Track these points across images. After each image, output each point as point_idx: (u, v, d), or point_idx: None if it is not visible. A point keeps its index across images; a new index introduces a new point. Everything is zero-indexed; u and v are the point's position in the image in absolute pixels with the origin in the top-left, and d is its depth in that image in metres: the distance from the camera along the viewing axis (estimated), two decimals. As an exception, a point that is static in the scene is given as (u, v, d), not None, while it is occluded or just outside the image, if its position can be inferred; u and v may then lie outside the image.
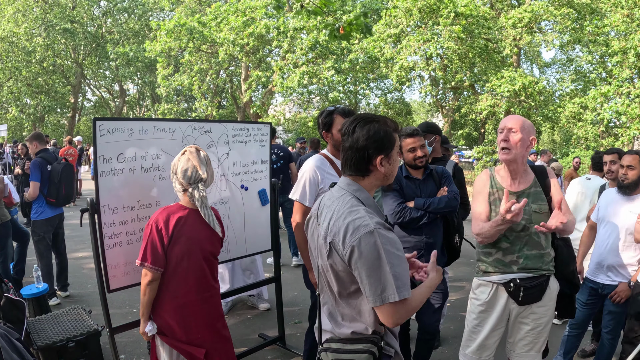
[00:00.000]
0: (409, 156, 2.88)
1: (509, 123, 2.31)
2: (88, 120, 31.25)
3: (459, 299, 4.93)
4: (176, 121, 2.92)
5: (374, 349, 1.60)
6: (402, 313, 1.53)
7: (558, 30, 16.90)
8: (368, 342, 1.62)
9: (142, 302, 2.32)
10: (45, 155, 4.82)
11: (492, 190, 2.44)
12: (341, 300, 1.66)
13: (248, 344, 3.75)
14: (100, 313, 2.78)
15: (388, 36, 16.55)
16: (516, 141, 2.27)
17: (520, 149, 2.28)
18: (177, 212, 2.32)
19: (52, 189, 4.74)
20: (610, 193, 3.15)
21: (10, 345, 2.30)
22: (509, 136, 2.29)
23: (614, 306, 3.05)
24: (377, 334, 1.63)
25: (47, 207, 4.77)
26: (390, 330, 1.72)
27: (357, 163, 1.60)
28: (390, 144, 1.61)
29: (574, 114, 15.97)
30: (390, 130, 1.60)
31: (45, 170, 4.71)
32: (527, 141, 2.29)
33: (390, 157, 1.62)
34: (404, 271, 1.52)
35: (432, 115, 28.41)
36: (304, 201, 2.74)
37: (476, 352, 2.51)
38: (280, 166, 5.98)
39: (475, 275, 2.56)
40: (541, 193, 2.37)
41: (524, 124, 2.29)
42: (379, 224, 1.51)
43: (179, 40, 18.24)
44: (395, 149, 1.63)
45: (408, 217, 2.80)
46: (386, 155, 1.60)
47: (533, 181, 2.40)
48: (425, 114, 32.55)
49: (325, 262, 1.62)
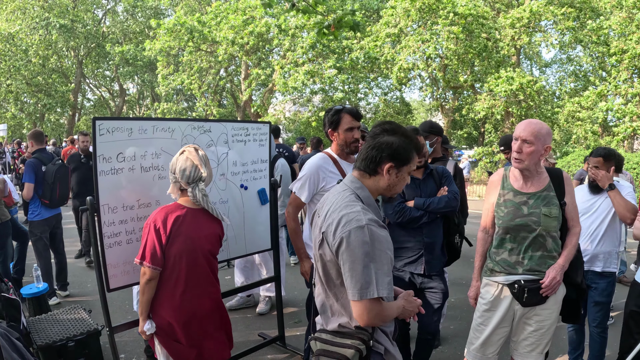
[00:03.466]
0: None
1: (524, 133, 2.28)
2: (88, 120, 31.22)
3: (458, 299, 4.93)
4: (176, 120, 2.92)
5: (362, 346, 1.63)
6: (376, 313, 1.55)
7: (558, 30, 16.89)
8: (357, 339, 1.65)
9: (140, 301, 2.32)
10: (41, 155, 4.77)
11: (503, 191, 2.47)
12: (330, 293, 1.69)
13: (248, 344, 3.75)
14: (100, 312, 2.78)
15: (387, 36, 16.53)
16: (529, 153, 2.28)
17: (532, 160, 2.30)
18: (175, 211, 2.33)
19: (46, 190, 4.69)
20: (580, 190, 3.32)
21: (11, 344, 2.31)
22: (522, 148, 2.30)
23: (599, 296, 3.14)
24: (365, 330, 1.66)
25: (43, 208, 4.74)
26: (382, 328, 1.73)
27: (368, 160, 1.67)
28: (403, 159, 1.66)
29: (572, 113, 16.00)
30: (409, 148, 1.66)
31: (40, 171, 4.66)
32: (540, 151, 2.30)
33: (399, 170, 1.67)
34: (388, 271, 1.56)
35: (432, 114, 28.40)
36: (300, 195, 2.81)
37: (480, 349, 2.54)
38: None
39: (483, 273, 2.60)
40: (554, 197, 2.36)
41: (539, 134, 2.27)
42: (372, 220, 1.55)
43: (179, 39, 18.22)
44: (408, 166, 1.68)
45: (408, 216, 2.81)
46: (396, 166, 1.66)
47: (547, 185, 2.39)
48: (426, 114, 32.54)
49: (317, 252, 1.67)
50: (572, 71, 22.57)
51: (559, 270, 2.31)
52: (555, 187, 2.39)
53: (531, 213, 2.34)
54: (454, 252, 3.17)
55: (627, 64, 14.43)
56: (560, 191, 2.38)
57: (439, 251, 2.96)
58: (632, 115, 13.90)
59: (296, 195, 2.85)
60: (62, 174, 4.83)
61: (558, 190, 2.38)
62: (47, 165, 4.75)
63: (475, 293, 2.65)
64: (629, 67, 14.60)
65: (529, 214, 2.35)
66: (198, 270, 2.39)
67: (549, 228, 2.33)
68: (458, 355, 3.68)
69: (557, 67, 25.41)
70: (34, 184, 4.61)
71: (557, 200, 2.36)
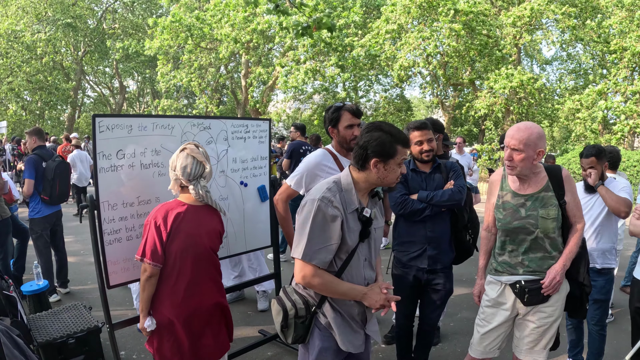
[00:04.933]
0: (416, 149, 2.88)
1: (513, 141, 2.26)
2: (88, 117, 31.21)
3: (459, 296, 4.93)
4: (175, 117, 2.92)
5: (292, 309, 1.92)
6: (308, 276, 1.81)
7: (559, 28, 16.85)
8: (299, 298, 1.94)
9: (141, 297, 2.33)
10: (41, 152, 4.77)
11: (502, 192, 2.47)
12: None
13: (248, 341, 3.76)
14: (101, 309, 2.78)
15: (387, 32, 16.48)
16: (519, 160, 2.27)
17: (525, 166, 2.29)
18: (176, 208, 2.33)
19: (47, 186, 4.70)
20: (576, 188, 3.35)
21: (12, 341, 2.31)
22: (512, 155, 2.28)
23: (597, 294, 3.15)
24: (312, 298, 1.92)
25: (43, 205, 4.74)
26: (335, 305, 1.92)
27: (357, 157, 1.88)
28: (388, 153, 1.84)
29: (573, 110, 15.98)
30: (393, 142, 1.83)
31: (40, 167, 4.67)
32: (532, 156, 2.27)
33: (386, 163, 1.85)
34: (320, 243, 1.80)
35: (432, 111, 28.37)
36: (296, 188, 2.84)
37: (481, 344, 2.56)
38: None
39: (487, 272, 2.61)
40: (552, 197, 2.34)
41: (528, 141, 2.22)
42: (326, 199, 1.80)
43: (177, 37, 18.14)
44: (395, 159, 1.85)
45: (410, 208, 2.81)
46: (382, 160, 1.84)
47: (545, 185, 2.37)
48: (426, 111, 32.51)
49: None
50: (573, 69, 22.53)
51: (559, 271, 2.30)
52: (554, 187, 2.36)
53: (529, 215, 2.34)
54: (464, 249, 3.09)
55: (627, 61, 14.41)
56: (559, 190, 2.36)
57: (446, 246, 2.93)
58: (631, 114, 13.88)
59: (289, 186, 2.85)
60: (62, 170, 4.83)
61: (557, 189, 2.36)
62: (47, 161, 4.75)
63: (479, 291, 2.66)
64: (629, 64, 14.58)
65: (526, 217, 2.34)
66: (199, 267, 2.39)
67: (547, 230, 2.32)
68: (458, 352, 3.68)
69: (557, 65, 25.34)
70: (34, 180, 4.62)
71: (555, 200, 2.34)
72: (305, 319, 1.93)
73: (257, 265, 4.63)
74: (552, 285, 2.29)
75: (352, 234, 1.87)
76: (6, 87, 22.79)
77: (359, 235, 1.89)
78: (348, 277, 1.90)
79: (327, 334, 1.93)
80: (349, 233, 1.86)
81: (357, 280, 1.93)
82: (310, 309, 1.92)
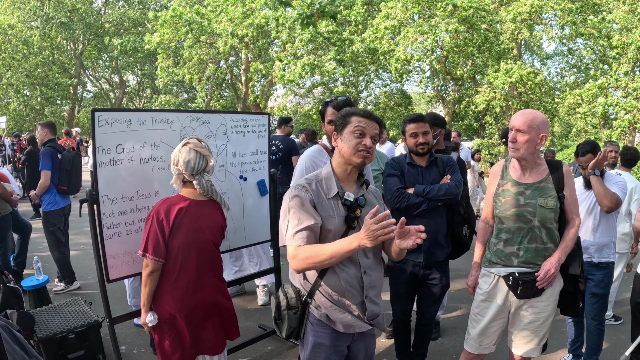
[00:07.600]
0: (411, 142, 2.86)
1: (517, 122, 2.29)
2: (87, 112, 31.16)
3: (458, 290, 4.94)
4: (175, 112, 2.92)
5: (284, 300, 1.94)
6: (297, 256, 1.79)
7: (559, 24, 16.78)
8: (292, 290, 1.95)
9: (143, 292, 2.32)
10: (54, 144, 4.87)
11: (502, 181, 2.47)
12: None
13: (248, 335, 3.76)
14: (101, 305, 2.78)
15: (386, 28, 16.40)
16: (523, 141, 2.28)
17: (528, 149, 2.30)
18: (178, 203, 2.32)
19: (64, 177, 4.79)
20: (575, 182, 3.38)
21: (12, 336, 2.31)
22: (516, 137, 2.30)
23: (596, 288, 3.15)
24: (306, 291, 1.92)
25: (59, 197, 4.83)
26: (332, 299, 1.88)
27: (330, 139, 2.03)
28: (340, 125, 1.92)
29: (573, 105, 15.93)
30: (350, 114, 1.92)
31: (56, 158, 4.76)
32: (535, 140, 2.29)
33: (341, 133, 1.92)
34: (301, 223, 1.81)
35: (433, 106, 28.30)
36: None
37: (477, 339, 2.55)
38: (279, 158, 5.93)
39: (481, 264, 2.60)
40: (551, 189, 2.35)
41: (532, 123, 2.27)
42: (300, 185, 1.89)
43: (177, 31, 18.08)
44: (346, 128, 1.89)
45: (406, 202, 2.80)
46: (338, 131, 1.93)
47: (545, 176, 2.38)
48: (426, 105, 32.44)
49: None
50: (574, 64, 22.46)
51: (554, 264, 2.29)
52: (554, 179, 2.37)
53: (527, 204, 2.34)
54: (460, 244, 3.10)
55: (629, 57, 14.35)
56: (558, 183, 2.37)
57: (442, 241, 2.93)
58: (631, 109, 13.84)
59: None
60: (77, 161, 4.99)
61: (557, 182, 2.37)
62: (62, 153, 4.86)
63: (474, 282, 2.65)
64: (631, 60, 14.52)
65: (525, 205, 2.35)
66: (201, 261, 2.39)
67: (545, 220, 2.32)
68: (458, 346, 3.69)
69: (558, 59, 25.26)
70: (50, 171, 4.68)
71: (554, 192, 2.34)
72: (297, 310, 1.92)
73: (258, 259, 4.63)
74: (547, 278, 2.28)
75: (336, 219, 1.85)
76: (5, 82, 22.71)
77: (344, 220, 1.87)
78: (340, 265, 1.85)
79: (320, 330, 1.91)
80: (331, 218, 1.85)
81: (351, 269, 1.87)
82: (301, 299, 1.92)
